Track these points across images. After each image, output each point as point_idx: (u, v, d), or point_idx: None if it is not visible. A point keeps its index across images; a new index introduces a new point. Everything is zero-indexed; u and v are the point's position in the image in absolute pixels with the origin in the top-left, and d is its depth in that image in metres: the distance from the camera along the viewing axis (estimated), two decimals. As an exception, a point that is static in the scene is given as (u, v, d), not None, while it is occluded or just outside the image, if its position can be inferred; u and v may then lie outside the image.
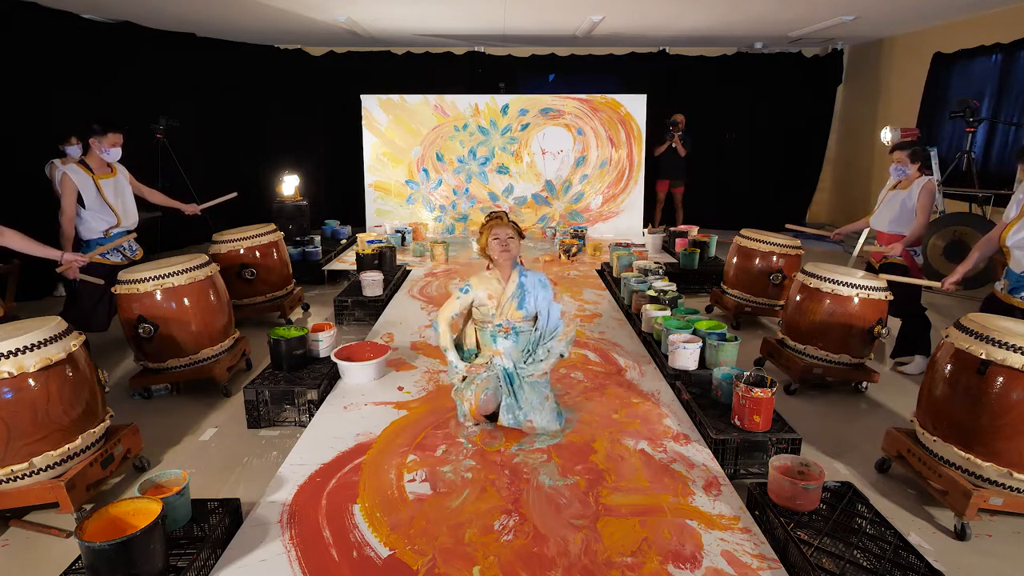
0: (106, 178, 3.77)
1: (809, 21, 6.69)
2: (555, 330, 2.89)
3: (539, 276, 2.91)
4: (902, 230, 3.71)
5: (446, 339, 2.85)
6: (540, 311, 2.86)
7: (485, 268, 2.97)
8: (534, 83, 9.00)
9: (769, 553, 1.99)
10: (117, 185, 3.85)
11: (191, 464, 2.73)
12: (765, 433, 2.57)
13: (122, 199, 3.86)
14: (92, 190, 3.68)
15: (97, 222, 3.73)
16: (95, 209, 3.71)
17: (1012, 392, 2.12)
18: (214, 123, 7.79)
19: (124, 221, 3.85)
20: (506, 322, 2.82)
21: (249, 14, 6.28)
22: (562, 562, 1.94)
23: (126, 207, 3.89)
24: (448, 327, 2.86)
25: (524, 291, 2.83)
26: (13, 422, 2.12)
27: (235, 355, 3.57)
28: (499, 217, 2.88)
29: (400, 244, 6.68)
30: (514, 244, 2.84)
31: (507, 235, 2.84)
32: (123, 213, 3.85)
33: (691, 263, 5.53)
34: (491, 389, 2.75)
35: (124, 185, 3.90)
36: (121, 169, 3.92)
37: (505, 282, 2.86)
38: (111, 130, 3.71)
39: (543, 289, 2.88)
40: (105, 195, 3.74)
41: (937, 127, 6.95)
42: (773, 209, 8.62)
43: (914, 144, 3.79)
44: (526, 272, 2.90)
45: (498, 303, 2.82)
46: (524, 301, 2.82)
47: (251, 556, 1.98)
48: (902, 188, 3.74)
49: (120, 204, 3.84)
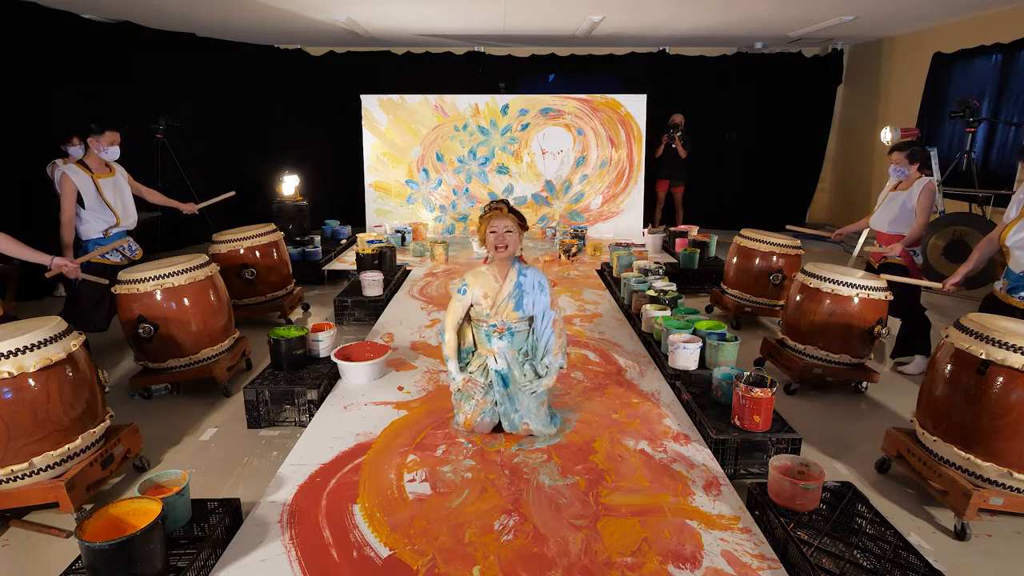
0: (105, 178, 3.78)
1: (809, 21, 6.69)
2: (547, 343, 2.74)
3: (539, 277, 2.74)
4: (902, 231, 3.71)
5: (451, 348, 2.75)
6: (536, 316, 2.73)
7: (483, 262, 2.84)
8: (534, 83, 8.99)
9: (769, 553, 1.99)
10: (116, 185, 3.85)
11: (191, 464, 2.73)
12: (765, 433, 2.57)
13: (121, 199, 3.86)
14: (92, 190, 3.68)
15: (97, 222, 3.72)
16: (95, 209, 3.71)
17: (1012, 392, 2.12)
18: (214, 123, 7.79)
19: (123, 221, 3.85)
20: (501, 322, 2.69)
21: (249, 14, 6.28)
22: (562, 562, 1.94)
23: (125, 207, 3.89)
24: (455, 334, 2.76)
25: (521, 292, 2.69)
26: (13, 422, 2.12)
27: (235, 355, 3.57)
28: (498, 208, 2.67)
29: (400, 244, 6.68)
30: (512, 239, 2.65)
31: (504, 228, 2.63)
32: (122, 213, 3.85)
33: (691, 263, 5.53)
34: (488, 413, 2.69)
35: (123, 185, 3.90)
36: (120, 169, 3.92)
37: (502, 280, 2.70)
38: (108, 128, 3.72)
39: (541, 293, 2.71)
40: (104, 195, 3.74)
41: (937, 127, 6.95)
42: (773, 209, 8.63)
43: (913, 144, 3.79)
44: (526, 270, 2.74)
45: (493, 302, 2.68)
46: (521, 302, 2.69)
47: (251, 556, 1.98)
48: (902, 189, 3.74)
49: (119, 204, 3.84)
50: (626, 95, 7.57)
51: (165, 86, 6.97)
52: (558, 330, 2.75)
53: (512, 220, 2.67)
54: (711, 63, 8.74)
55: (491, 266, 2.75)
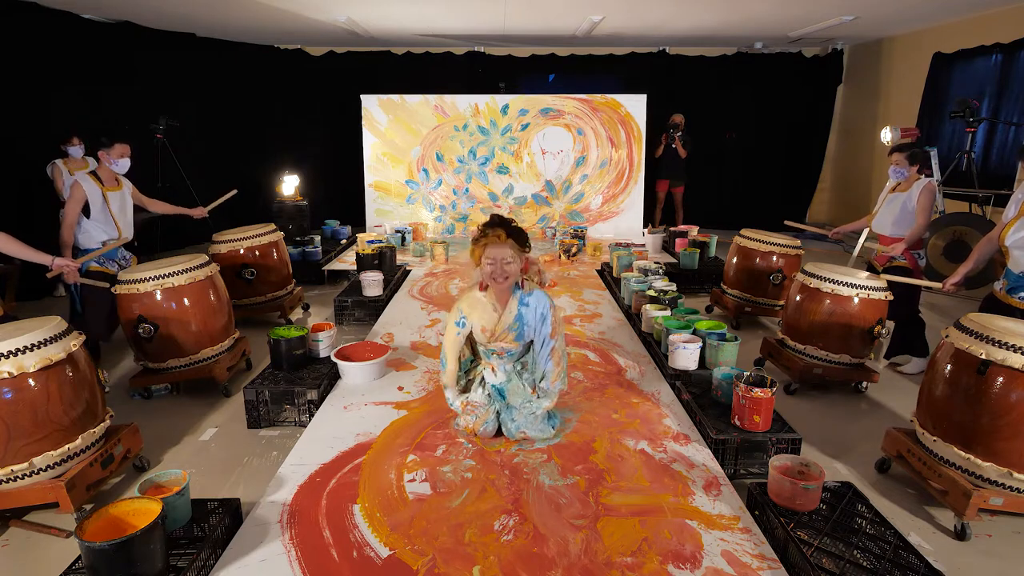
0: (114, 191, 3.81)
1: (809, 21, 6.69)
2: (545, 368, 2.65)
3: (542, 307, 2.52)
4: (905, 232, 3.71)
5: (451, 376, 2.66)
6: (535, 341, 2.63)
7: (478, 287, 2.60)
8: (534, 83, 8.99)
9: (769, 553, 1.99)
10: (123, 199, 3.89)
11: (191, 464, 2.73)
12: (765, 433, 2.57)
13: (125, 213, 3.90)
14: (99, 201, 3.70)
15: (98, 232, 3.73)
16: (99, 220, 3.72)
17: (1012, 392, 2.12)
18: (214, 123, 7.79)
19: (123, 233, 3.88)
20: (500, 347, 2.63)
21: (249, 14, 6.28)
22: (562, 562, 1.93)
23: (127, 221, 3.93)
24: (456, 362, 2.68)
25: (523, 324, 2.55)
26: (13, 422, 2.12)
27: (235, 355, 3.57)
28: (496, 234, 2.38)
29: (400, 244, 6.68)
30: (513, 268, 2.41)
31: (503, 259, 2.38)
32: (124, 226, 3.88)
33: (691, 263, 5.53)
34: (490, 423, 2.63)
35: (128, 200, 3.95)
36: (126, 183, 3.96)
37: (501, 309, 2.53)
38: (118, 141, 3.75)
39: (543, 324, 2.57)
40: (111, 208, 3.76)
41: (937, 127, 6.95)
42: (773, 209, 8.59)
43: (913, 146, 3.79)
44: (528, 298, 2.51)
45: (492, 334, 2.57)
46: (522, 334, 2.58)
47: (251, 556, 1.98)
48: (902, 190, 3.74)
49: (123, 218, 3.88)
50: (626, 95, 7.57)
51: (165, 86, 6.97)
52: (556, 358, 2.64)
53: (512, 248, 2.40)
54: (711, 63, 8.74)
55: (489, 293, 2.55)
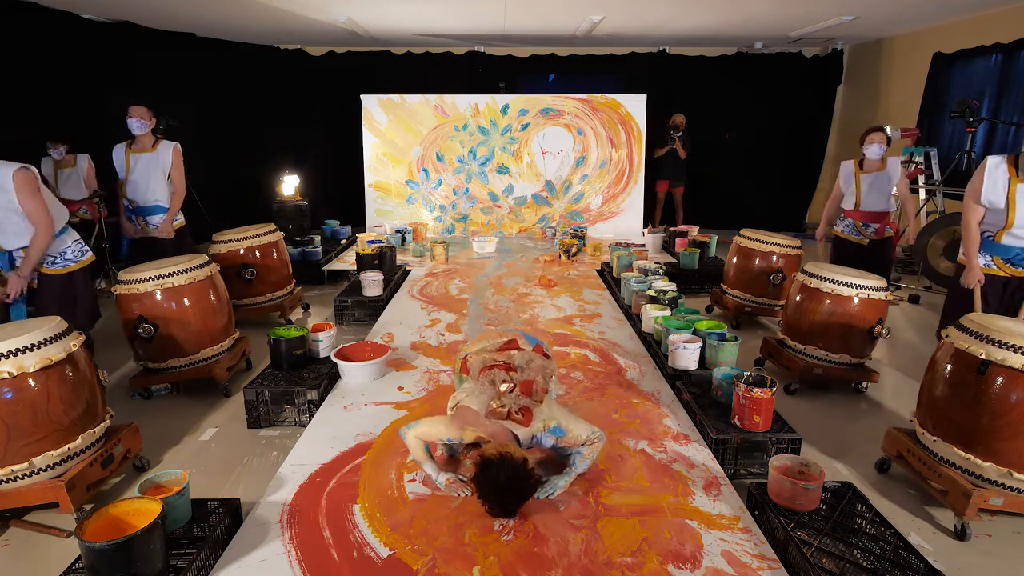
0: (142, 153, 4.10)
1: (809, 21, 6.69)
2: (575, 458, 2.31)
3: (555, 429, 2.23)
4: (887, 207, 4.12)
5: (421, 453, 2.32)
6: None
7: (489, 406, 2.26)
8: (534, 83, 8.99)
9: (769, 553, 1.99)
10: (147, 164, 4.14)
11: (191, 464, 2.73)
12: (765, 433, 2.57)
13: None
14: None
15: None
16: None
17: (1012, 392, 2.12)
18: (214, 123, 7.78)
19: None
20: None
21: (249, 14, 6.28)
22: (562, 562, 1.93)
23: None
24: (420, 443, 2.33)
25: (537, 442, 2.29)
26: (13, 422, 2.12)
27: (235, 355, 3.57)
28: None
29: (400, 244, 6.68)
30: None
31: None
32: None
33: (691, 263, 5.53)
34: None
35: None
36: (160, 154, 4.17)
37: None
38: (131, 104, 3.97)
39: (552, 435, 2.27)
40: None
41: (937, 127, 6.95)
42: (773, 209, 8.63)
43: (881, 128, 4.13)
44: (546, 438, 2.24)
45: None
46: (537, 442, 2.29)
47: (251, 556, 1.98)
48: (876, 170, 4.05)
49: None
50: (626, 95, 7.57)
51: (165, 86, 6.96)
52: (589, 453, 2.30)
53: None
54: (711, 63, 8.74)
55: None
